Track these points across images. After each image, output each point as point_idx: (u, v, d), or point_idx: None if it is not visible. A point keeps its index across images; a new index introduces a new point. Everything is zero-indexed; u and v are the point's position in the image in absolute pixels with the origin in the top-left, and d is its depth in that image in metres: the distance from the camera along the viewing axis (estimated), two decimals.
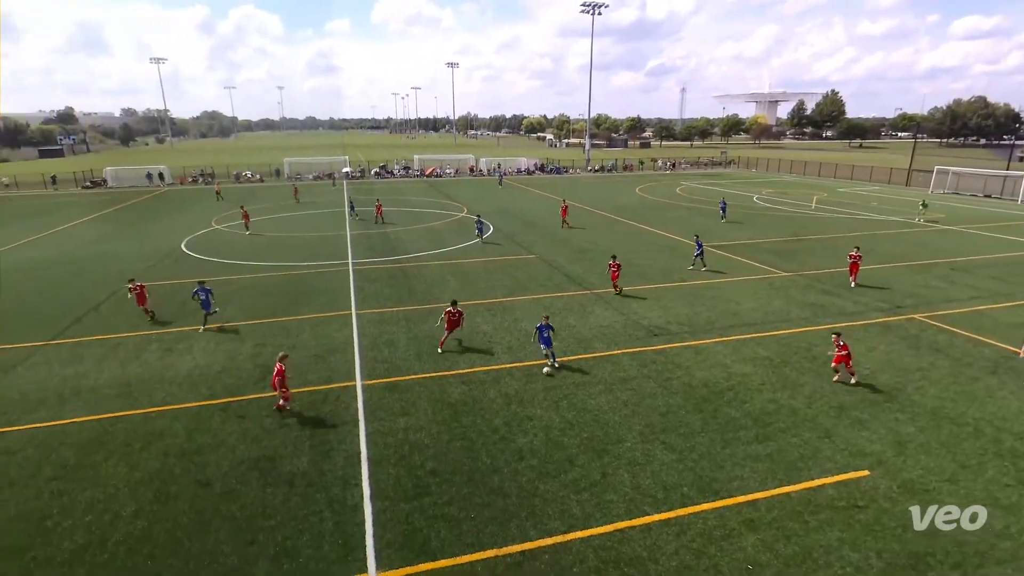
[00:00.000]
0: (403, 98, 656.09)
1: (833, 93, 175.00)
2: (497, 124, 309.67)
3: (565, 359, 15.98)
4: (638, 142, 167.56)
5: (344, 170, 74.15)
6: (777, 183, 64.66)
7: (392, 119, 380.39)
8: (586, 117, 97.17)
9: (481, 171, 77.11)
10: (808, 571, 8.61)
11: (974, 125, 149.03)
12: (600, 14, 79.89)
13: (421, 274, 25.67)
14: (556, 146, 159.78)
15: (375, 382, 14.94)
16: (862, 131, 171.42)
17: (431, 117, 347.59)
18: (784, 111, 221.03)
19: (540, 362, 15.55)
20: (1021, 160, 78.53)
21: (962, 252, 29.36)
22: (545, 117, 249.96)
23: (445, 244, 31.90)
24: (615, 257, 22.32)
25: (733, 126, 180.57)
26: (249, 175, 71.79)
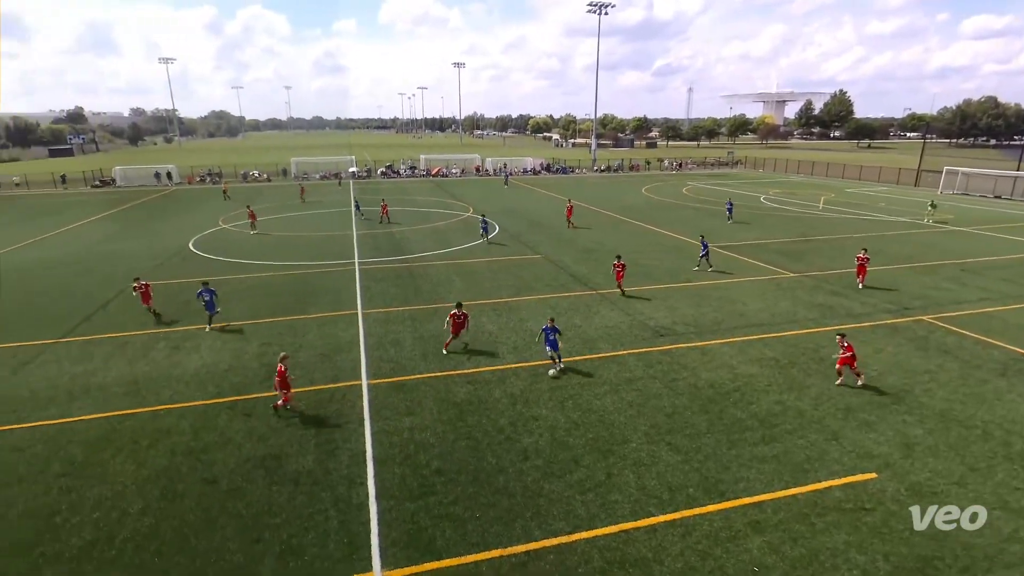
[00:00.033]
0: (409, 98, 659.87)
1: (841, 93, 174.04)
2: (503, 124, 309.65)
3: (570, 359, 15.96)
4: (644, 142, 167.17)
5: (350, 170, 74.39)
6: (784, 183, 64.35)
7: (398, 119, 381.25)
8: (592, 117, 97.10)
9: (487, 171, 77.15)
10: (814, 574, 8.56)
11: (984, 125, 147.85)
12: (607, 14, 79.84)
13: (427, 274, 25.71)
14: (562, 146, 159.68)
15: (381, 381, 14.98)
16: (870, 131, 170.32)
17: (437, 117, 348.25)
18: (792, 111, 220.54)
19: (545, 362, 15.53)
20: None
21: (972, 253, 29.12)
22: (551, 117, 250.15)
23: (451, 244, 31.94)
24: (620, 257, 22.28)
25: (740, 126, 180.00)
26: (256, 175, 72.13)
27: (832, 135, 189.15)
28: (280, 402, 13.32)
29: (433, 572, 8.71)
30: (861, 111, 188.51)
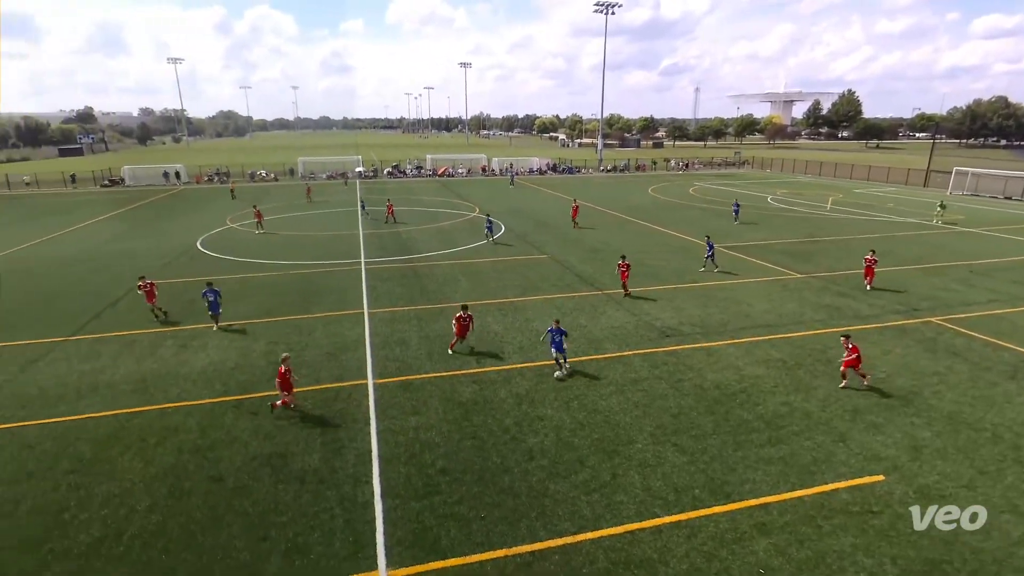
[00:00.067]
0: (416, 98, 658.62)
1: (849, 93, 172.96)
2: (509, 124, 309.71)
3: (576, 359, 15.93)
4: (651, 142, 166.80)
5: (357, 169, 74.62)
6: (792, 184, 64.03)
7: (405, 119, 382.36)
8: (599, 117, 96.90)
9: (493, 171, 77.18)
10: None
11: (994, 125, 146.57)
12: (613, 14, 79.63)
13: (433, 273, 25.75)
14: (568, 146, 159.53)
15: (386, 381, 15.01)
16: (879, 131, 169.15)
17: (443, 117, 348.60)
18: (799, 111, 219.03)
19: (550, 362, 15.47)
20: None
21: (981, 255, 28.88)
22: (557, 117, 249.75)
23: (457, 244, 31.98)
24: (624, 257, 22.21)
25: (747, 126, 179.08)
26: (264, 174, 72.46)
27: (840, 135, 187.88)
28: (279, 402, 13.25)
29: (438, 571, 8.72)
30: (869, 111, 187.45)
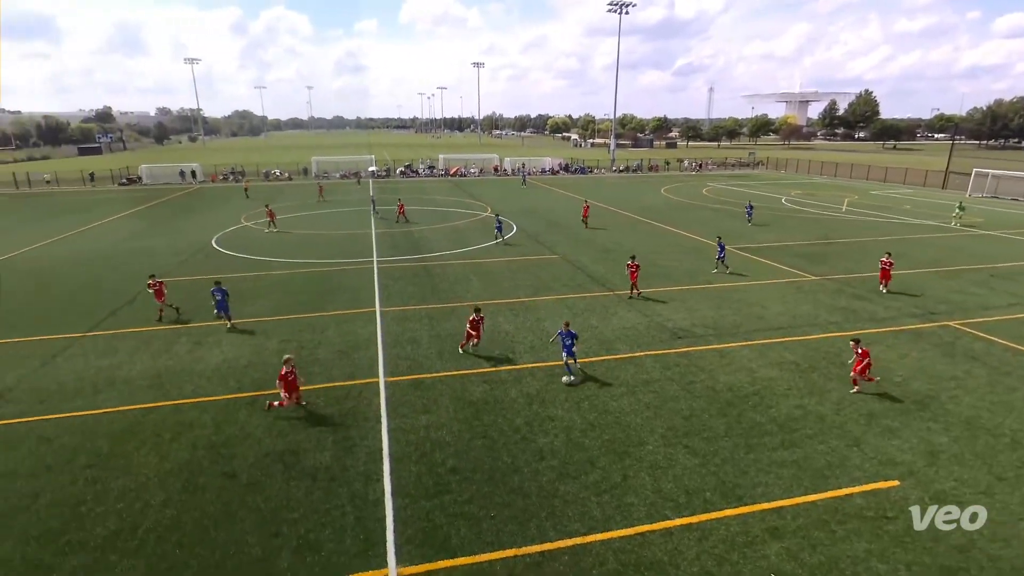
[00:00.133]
0: (429, 98, 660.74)
1: (867, 93, 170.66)
2: (522, 124, 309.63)
3: (587, 360, 15.89)
4: (664, 142, 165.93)
5: (370, 169, 75.06)
6: (807, 185, 63.36)
7: (418, 119, 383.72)
8: (612, 117, 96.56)
9: (505, 171, 77.22)
10: None
11: (1016, 126, 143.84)
12: (627, 13, 79.36)
13: (444, 273, 25.83)
14: (581, 146, 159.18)
15: (398, 379, 15.08)
16: (896, 132, 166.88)
17: (456, 117, 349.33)
18: (815, 111, 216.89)
19: (561, 363, 15.22)
20: None
21: (1001, 258, 28.38)
22: (570, 117, 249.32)
23: (468, 243, 32.03)
24: (634, 257, 22.06)
25: (762, 126, 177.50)
26: (278, 173, 73.11)
27: (857, 136, 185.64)
28: (276, 403, 13.21)
29: (447, 570, 8.75)
30: (887, 111, 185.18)
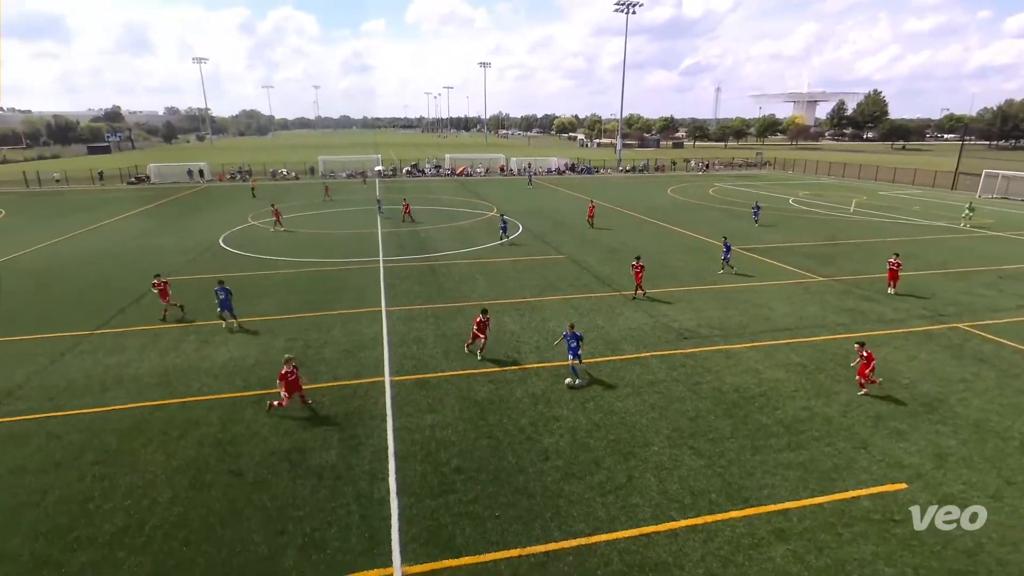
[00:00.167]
0: (435, 97, 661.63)
1: (875, 93, 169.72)
2: (528, 124, 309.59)
3: (593, 360, 15.87)
4: (671, 142, 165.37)
5: (376, 168, 75.21)
6: (814, 185, 63.02)
7: (424, 118, 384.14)
8: (618, 117, 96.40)
9: (511, 170, 77.23)
10: None
11: None
12: (634, 13, 79.23)
13: (450, 272, 25.85)
14: (587, 146, 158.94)
15: (403, 378, 15.11)
16: (906, 132, 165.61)
17: (463, 116, 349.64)
18: (823, 111, 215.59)
19: (567, 363, 15.11)
20: None
21: (1011, 259, 28.12)
22: (576, 117, 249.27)
23: (474, 243, 32.05)
24: (639, 258, 21.99)
25: (769, 126, 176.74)
26: (285, 172, 73.41)
27: (865, 136, 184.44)
28: (277, 402, 13.26)
29: (452, 569, 8.76)
30: (896, 112, 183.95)
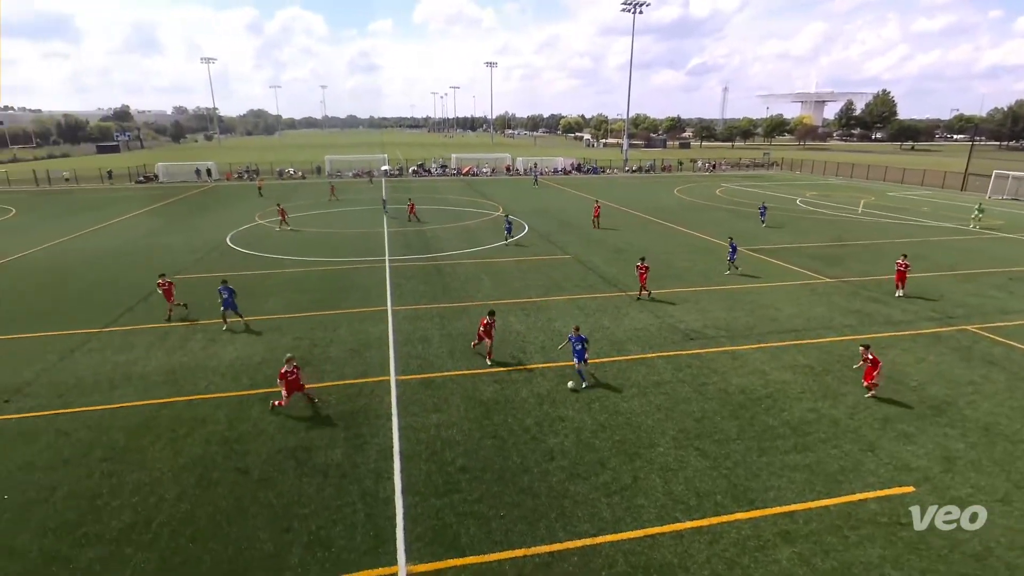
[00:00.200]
0: (442, 97, 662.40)
1: (884, 93, 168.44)
2: (534, 123, 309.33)
3: (598, 361, 15.84)
4: (677, 142, 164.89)
5: (382, 168, 75.40)
6: (822, 186, 62.66)
7: (430, 118, 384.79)
8: (625, 117, 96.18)
9: (517, 170, 77.23)
10: None
11: None
12: (641, 12, 79.02)
13: (456, 272, 25.88)
14: (593, 146, 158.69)
15: (409, 378, 15.14)
16: (914, 133, 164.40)
17: (469, 116, 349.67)
18: (831, 112, 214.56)
19: (572, 363, 15.14)
20: None
21: (1021, 261, 27.87)
22: (583, 117, 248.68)
23: (480, 243, 32.07)
24: (644, 259, 21.92)
25: (777, 127, 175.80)
26: (292, 172, 73.70)
27: (874, 136, 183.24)
28: (278, 401, 13.32)
29: (457, 569, 8.77)
30: (905, 112, 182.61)
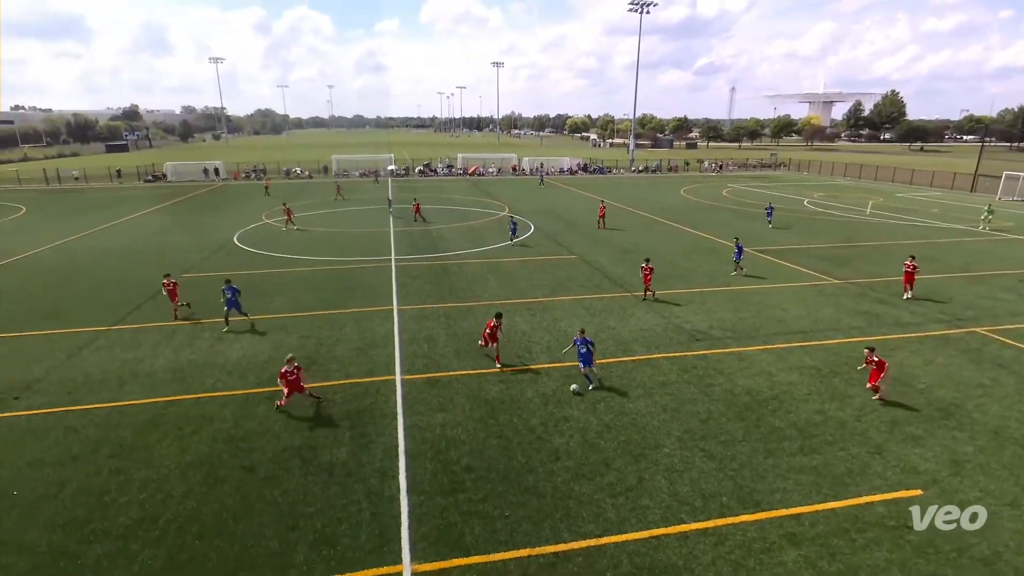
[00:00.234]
0: (448, 97, 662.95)
1: (893, 93, 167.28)
2: (541, 124, 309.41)
3: (604, 361, 15.80)
4: (684, 143, 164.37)
5: (389, 167, 75.56)
6: (830, 187, 62.32)
7: (437, 118, 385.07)
8: (631, 117, 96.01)
9: (523, 170, 77.25)
10: None
11: None
12: (648, 12, 78.96)
13: (462, 272, 25.90)
14: (600, 146, 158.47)
15: (414, 377, 15.17)
16: (924, 133, 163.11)
17: (475, 116, 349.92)
18: (839, 112, 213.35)
19: (576, 364, 15.00)
20: None
21: None
22: (589, 117, 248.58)
23: (486, 242, 32.09)
24: (648, 260, 21.83)
25: (784, 127, 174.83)
26: (299, 171, 73.99)
27: (882, 137, 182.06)
28: (280, 402, 13.37)
29: (461, 568, 8.77)
30: (914, 112, 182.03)
